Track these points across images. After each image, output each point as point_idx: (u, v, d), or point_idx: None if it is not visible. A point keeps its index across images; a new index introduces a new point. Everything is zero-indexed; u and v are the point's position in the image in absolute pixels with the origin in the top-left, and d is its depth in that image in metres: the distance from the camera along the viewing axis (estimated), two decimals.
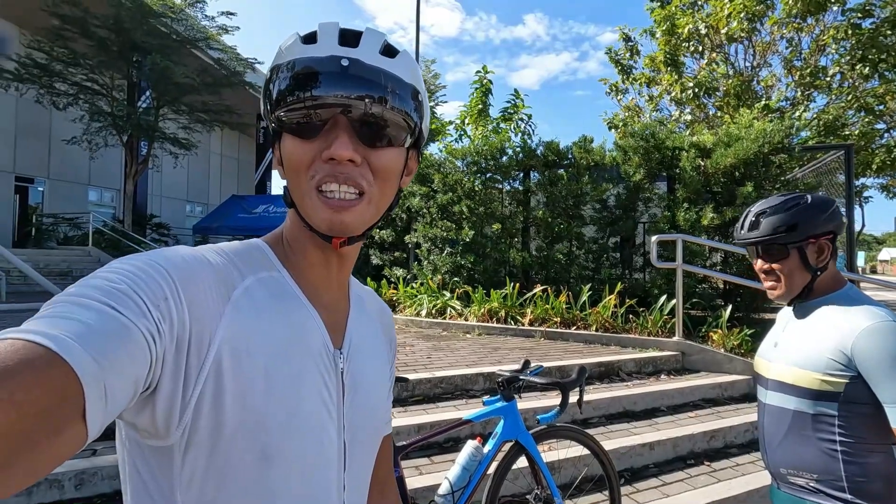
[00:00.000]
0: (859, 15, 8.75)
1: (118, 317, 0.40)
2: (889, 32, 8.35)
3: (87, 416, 0.36)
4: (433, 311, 6.22)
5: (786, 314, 1.47)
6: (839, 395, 1.21)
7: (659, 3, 10.78)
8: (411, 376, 3.47)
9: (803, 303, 1.36)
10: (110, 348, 0.38)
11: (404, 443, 1.92)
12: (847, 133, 9.36)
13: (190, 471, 0.48)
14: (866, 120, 9.40)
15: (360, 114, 0.52)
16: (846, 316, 1.23)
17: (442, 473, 2.53)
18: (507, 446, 2.07)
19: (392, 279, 7.67)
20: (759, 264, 1.38)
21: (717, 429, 3.35)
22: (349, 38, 0.54)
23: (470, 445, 1.98)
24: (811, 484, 1.27)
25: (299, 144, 0.53)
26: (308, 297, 0.58)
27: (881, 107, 9.40)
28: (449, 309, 6.17)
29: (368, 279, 7.67)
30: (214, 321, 0.48)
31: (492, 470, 2.04)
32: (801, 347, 1.29)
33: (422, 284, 6.89)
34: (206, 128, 16.00)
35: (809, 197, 1.33)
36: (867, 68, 8.45)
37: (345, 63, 0.51)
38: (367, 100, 0.52)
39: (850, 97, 9.07)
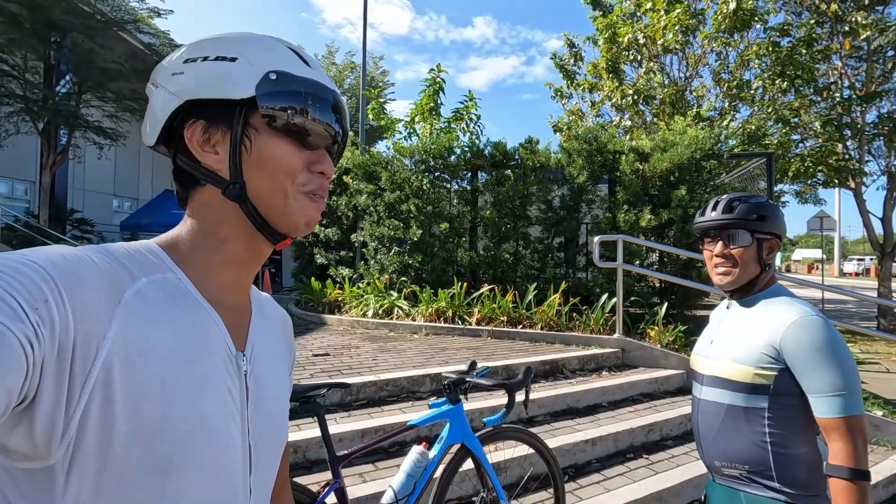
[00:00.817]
0: (778, 34, 9.48)
1: None
2: (804, 51, 9.10)
3: None
4: (380, 312, 6.11)
5: (719, 313, 1.53)
6: (769, 388, 1.27)
7: (601, 13, 11.19)
8: (356, 380, 3.36)
9: (741, 298, 1.42)
10: None
11: (346, 451, 1.83)
12: (767, 142, 10.12)
13: (75, 491, 0.44)
14: (784, 131, 10.20)
15: (337, 147, 0.61)
16: (775, 311, 1.29)
17: (386, 480, 2.45)
18: (453, 450, 2.03)
19: (338, 279, 7.47)
20: (718, 248, 1.40)
21: (654, 422, 3.49)
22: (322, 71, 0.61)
23: (415, 451, 1.92)
24: (744, 475, 1.32)
25: (294, 151, 0.56)
26: (208, 299, 0.55)
27: (796, 119, 10.23)
28: (396, 309, 6.07)
29: (313, 279, 7.42)
30: (103, 326, 0.45)
31: (438, 474, 1.99)
32: (736, 343, 1.34)
33: (368, 284, 6.75)
34: (136, 117, 14.91)
35: (770, 202, 1.43)
36: (785, 83, 9.15)
37: (337, 100, 0.59)
38: (345, 138, 0.62)
39: (770, 109, 9.80)
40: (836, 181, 10.89)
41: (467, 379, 2.04)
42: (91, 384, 0.43)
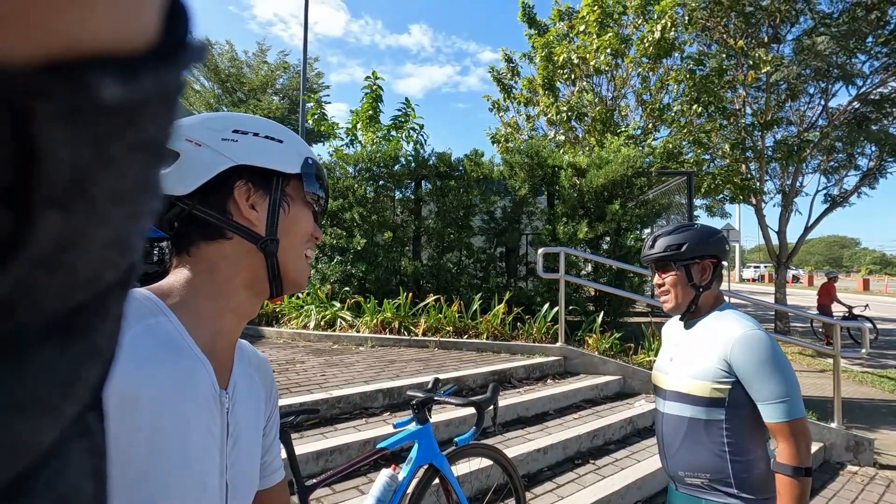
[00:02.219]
0: (694, 63, 10.41)
1: None
2: (715, 80, 10.04)
3: None
4: (322, 324, 5.92)
5: (671, 330, 1.66)
6: (725, 401, 1.39)
7: (537, 32, 11.68)
8: (306, 398, 3.23)
9: (691, 319, 1.55)
10: None
11: (315, 481, 1.75)
12: (683, 160, 11.05)
13: None
14: (698, 151, 11.19)
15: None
16: (724, 328, 1.41)
17: (346, 503, 2.38)
18: (421, 471, 2.01)
19: None
20: (655, 279, 1.56)
21: (598, 428, 3.67)
22: None
23: (384, 475, 1.88)
24: (705, 483, 1.43)
25: (311, 220, 0.68)
26: (200, 345, 0.59)
27: (708, 140, 11.27)
28: (339, 320, 5.91)
29: None
30: None
31: (406, 495, 1.96)
32: (693, 360, 1.45)
33: (308, 294, 6.52)
34: None
35: (699, 225, 1.55)
36: (699, 108, 10.06)
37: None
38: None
39: (685, 131, 10.72)
40: (741, 198, 12.10)
41: (435, 398, 2.03)
42: None
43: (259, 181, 0.63)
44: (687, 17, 10.25)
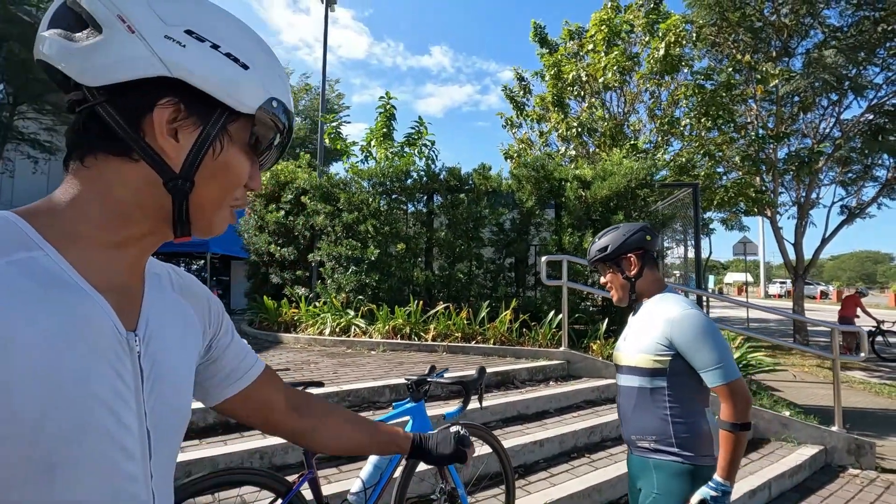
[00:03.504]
0: (703, 77, 10.58)
1: None
2: (724, 94, 10.19)
3: None
4: (337, 330, 6.20)
5: (630, 316, 1.90)
6: (666, 371, 1.60)
7: (548, 51, 12.04)
8: (319, 390, 3.48)
9: (639, 303, 1.77)
10: None
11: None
12: (696, 173, 11.14)
13: None
14: (710, 164, 11.27)
15: (273, 163, 0.62)
16: (665, 309, 1.63)
17: (349, 482, 2.60)
18: None
19: (293, 298, 7.48)
20: (601, 280, 1.85)
21: (596, 425, 3.82)
22: None
23: None
24: (652, 445, 1.63)
25: (247, 168, 0.57)
26: (92, 281, 0.50)
27: (720, 154, 11.35)
28: (353, 327, 6.19)
29: (266, 298, 7.40)
30: None
31: (399, 472, 2.18)
32: (639, 337, 1.68)
33: (325, 303, 6.82)
34: None
35: (622, 226, 1.80)
36: (709, 122, 10.20)
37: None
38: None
39: (697, 144, 10.84)
40: (755, 210, 12.07)
41: (428, 379, 2.26)
42: None
43: (196, 107, 0.51)
44: (695, 34, 10.47)
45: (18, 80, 12.02)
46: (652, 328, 1.63)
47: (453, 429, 1.02)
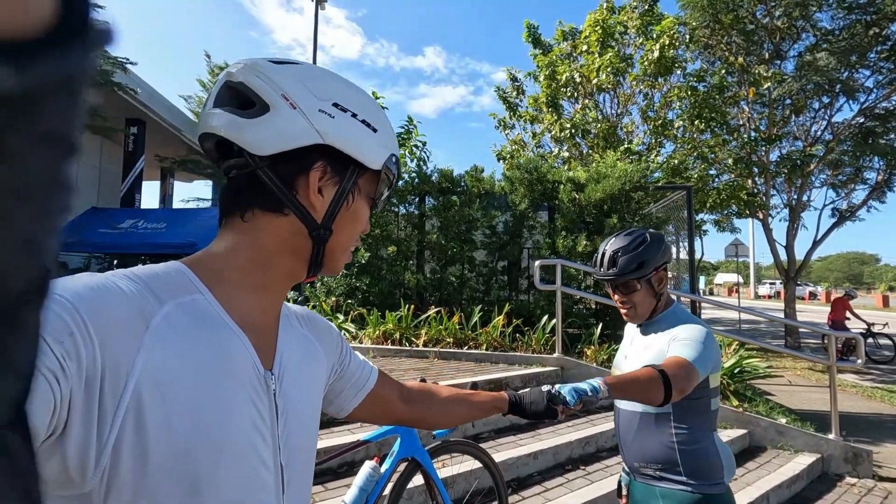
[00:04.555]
0: (695, 79, 10.56)
1: None
2: (717, 96, 10.17)
3: None
4: None
5: (631, 330, 1.75)
6: None
7: (541, 51, 11.97)
8: None
9: (645, 323, 1.64)
10: None
11: None
12: (688, 175, 11.13)
13: None
14: (702, 166, 11.26)
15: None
16: (670, 327, 1.52)
17: (335, 500, 2.48)
18: (402, 465, 2.12)
19: None
20: (617, 297, 1.62)
21: (591, 435, 3.72)
22: None
23: (367, 466, 1.99)
24: (657, 472, 1.52)
25: (367, 216, 0.66)
26: (237, 320, 0.57)
27: (712, 156, 11.34)
28: (343, 332, 6.05)
29: None
30: (131, 355, 0.46)
31: (388, 490, 2.07)
32: (644, 358, 1.54)
33: (314, 307, 6.68)
34: None
35: (648, 234, 1.60)
36: (702, 124, 10.17)
37: None
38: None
39: (690, 146, 10.82)
40: (748, 212, 12.08)
41: None
42: (122, 413, 0.45)
43: (337, 166, 0.60)
44: (688, 36, 10.45)
45: None
46: (656, 348, 1.52)
47: (545, 388, 1.06)
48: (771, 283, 53.24)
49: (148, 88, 17.32)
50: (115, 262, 17.49)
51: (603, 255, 1.61)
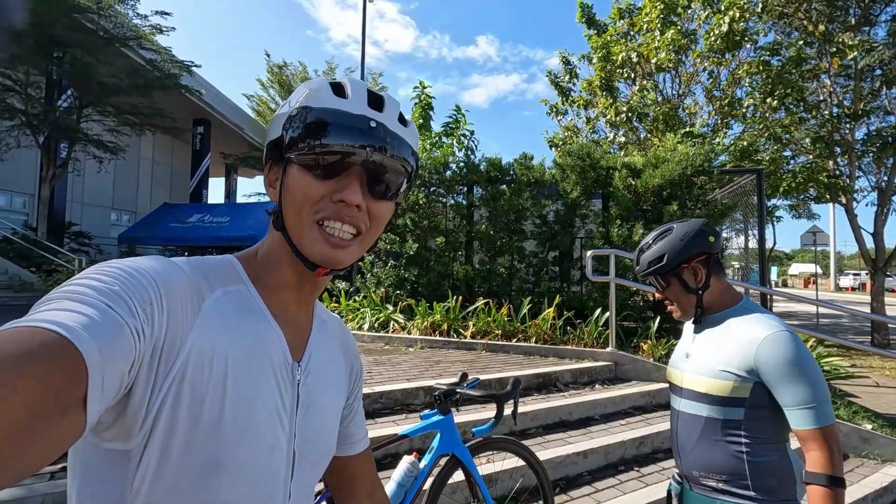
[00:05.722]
0: (768, 53, 9.70)
1: (114, 314, 0.42)
2: (793, 70, 9.30)
3: (87, 403, 0.37)
4: (376, 325, 6.14)
5: (690, 326, 1.59)
6: (745, 401, 1.32)
7: (595, 32, 11.43)
8: None
9: (706, 317, 1.48)
10: (110, 342, 0.40)
11: None
12: (759, 158, 10.28)
13: (141, 477, 0.49)
14: (775, 147, 10.37)
15: (373, 167, 0.59)
16: (747, 328, 1.34)
17: None
18: (443, 460, 2.07)
19: (334, 292, 7.51)
20: (657, 294, 1.54)
21: (646, 435, 3.52)
22: (374, 100, 0.62)
23: (406, 461, 1.96)
24: (720, 485, 1.37)
25: (313, 182, 0.58)
26: (272, 313, 0.61)
27: (787, 136, 10.41)
28: (392, 322, 6.11)
29: None
30: (185, 331, 0.51)
31: (428, 485, 2.03)
32: (710, 359, 1.39)
33: (364, 297, 6.79)
34: (136, 131, 15.05)
35: (675, 226, 1.48)
36: (775, 101, 9.34)
37: (373, 125, 0.59)
38: (384, 158, 0.59)
39: (761, 126, 9.98)
40: (828, 197, 11.03)
41: (458, 390, 2.08)
42: (168, 383, 0.48)
43: (276, 156, 0.61)
44: (761, 6, 9.59)
45: (83, 85, 12.77)
46: (730, 349, 1.35)
47: None
48: (855, 274, 48.65)
49: (212, 89, 18.30)
50: (186, 253, 18.74)
51: (638, 251, 1.55)
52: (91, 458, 0.50)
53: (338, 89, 0.60)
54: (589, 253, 5.09)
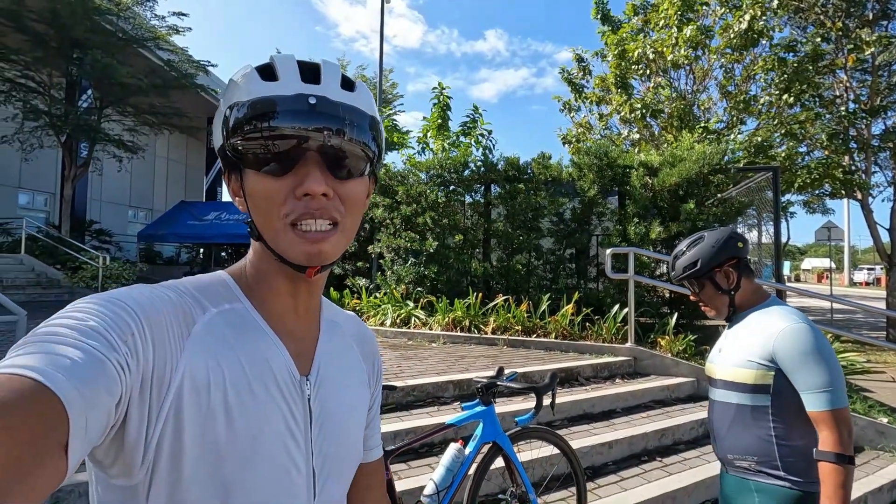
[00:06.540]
0: (784, 50, 9.68)
1: (93, 351, 0.41)
2: (809, 67, 9.28)
3: (69, 447, 0.36)
4: (397, 321, 6.31)
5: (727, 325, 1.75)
6: (770, 388, 1.47)
7: (610, 28, 11.45)
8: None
9: (735, 316, 1.63)
10: (90, 381, 0.39)
11: (392, 447, 2.03)
12: (774, 154, 10.29)
13: None
14: (790, 144, 10.36)
15: (330, 149, 0.53)
16: (768, 321, 1.49)
17: (418, 478, 2.65)
18: (485, 448, 2.23)
19: (355, 289, 7.69)
20: (692, 296, 1.71)
21: (667, 427, 3.66)
22: (309, 73, 0.55)
23: (453, 448, 2.12)
24: (753, 466, 1.51)
25: (270, 182, 0.53)
26: (271, 326, 0.58)
27: (802, 132, 10.40)
28: (413, 318, 6.28)
29: (331, 289, 7.66)
30: (174, 358, 0.49)
31: (471, 471, 2.19)
32: (738, 351, 1.54)
33: (385, 294, 6.96)
34: (154, 131, 15.34)
35: (707, 234, 1.65)
36: (791, 97, 9.34)
37: (312, 101, 0.52)
38: (335, 135, 0.53)
39: (776, 122, 9.98)
40: (843, 192, 11.01)
41: (498, 383, 2.24)
42: (164, 413, 0.47)
43: (230, 164, 0.57)
44: (777, 1, 9.57)
45: (103, 86, 13.03)
46: (754, 341, 1.50)
47: None
48: (869, 269, 48.11)
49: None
50: (202, 250, 19.03)
51: (672, 257, 1.71)
52: (105, 494, 0.49)
53: (266, 73, 0.54)
54: (608, 251, 5.21)
